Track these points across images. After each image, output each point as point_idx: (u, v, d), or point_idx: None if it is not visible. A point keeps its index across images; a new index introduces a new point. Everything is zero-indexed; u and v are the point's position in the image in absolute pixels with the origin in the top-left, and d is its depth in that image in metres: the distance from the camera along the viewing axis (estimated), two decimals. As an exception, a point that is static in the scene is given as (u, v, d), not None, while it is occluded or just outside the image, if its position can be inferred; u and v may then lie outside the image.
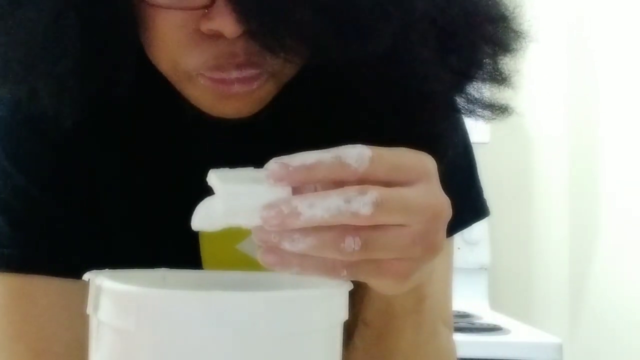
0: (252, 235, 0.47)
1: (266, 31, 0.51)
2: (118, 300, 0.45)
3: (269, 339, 0.44)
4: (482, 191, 0.78)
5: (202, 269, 0.68)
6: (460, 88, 0.61)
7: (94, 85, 0.57)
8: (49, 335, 0.65)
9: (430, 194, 0.48)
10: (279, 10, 0.50)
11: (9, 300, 0.65)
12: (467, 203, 0.76)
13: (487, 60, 0.60)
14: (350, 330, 0.62)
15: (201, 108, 0.60)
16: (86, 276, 0.49)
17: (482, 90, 0.62)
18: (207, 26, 0.53)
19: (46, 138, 0.66)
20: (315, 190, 0.48)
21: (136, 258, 0.56)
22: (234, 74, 0.55)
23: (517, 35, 0.60)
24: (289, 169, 0.46)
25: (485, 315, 2.15)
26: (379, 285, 0.51)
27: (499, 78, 0.61)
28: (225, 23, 0.51)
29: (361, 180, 0.46)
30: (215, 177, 0.47)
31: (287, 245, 0.46)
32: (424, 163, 0.49)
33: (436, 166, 0.50)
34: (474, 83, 0.61)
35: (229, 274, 0.58)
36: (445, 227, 0.50)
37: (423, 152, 0.50)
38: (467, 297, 2.18)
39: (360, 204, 0.45)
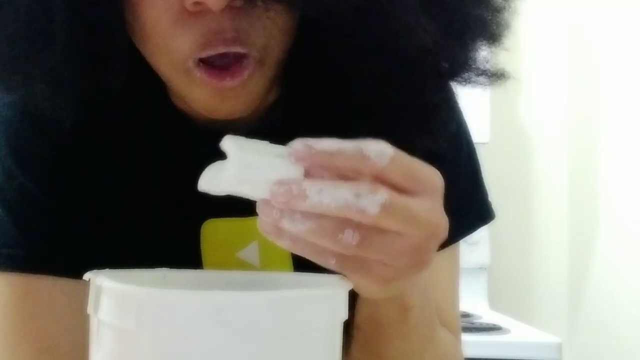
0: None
1: None
2: (118, 300, 0.45)
3: (269, 339, 0.44)
4: (487, 195, 0.77)
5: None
6: (449, 50, 0.59)
7: (87, 82, 0.57)
8: (52, 334, 0.65)
9: (433, 211, 0.48)
10: None
11: (13, 300, 0.65)
12: (472, 207, 0.76)
13: (476, 17, 0.59)
14: (348, 331, 0.62)
15: (198, 109, 0.61)
16: (86, 276, 0.49)
17: (475, 53, 0.60)
18: (190, 0, 0.53)
19: (50, 140, 0.66)
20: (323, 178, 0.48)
21: (136, 258, 0.56)
22: (221, 49, 0.55)
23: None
24: (311, 151, 0.46)
25: (485, 315, 2.16)
26: (360, 284, 0.51)
27: (491, 37, 0.60)
28: None
29: (376, 178, 0.46)
30: (231, 143, 0.47)
31: (286, 224, 0.46)
32: (435, 178, 0.49)
33: (444, 184, 0.50)
34: (464, 44, 0.60)
35: (229, 274, 0.58)
36: (437, 247, 0.50)
37: (435, 169, 0.50)
38: (466, 297, 2.17)
39: (369, 202, 0.45)
